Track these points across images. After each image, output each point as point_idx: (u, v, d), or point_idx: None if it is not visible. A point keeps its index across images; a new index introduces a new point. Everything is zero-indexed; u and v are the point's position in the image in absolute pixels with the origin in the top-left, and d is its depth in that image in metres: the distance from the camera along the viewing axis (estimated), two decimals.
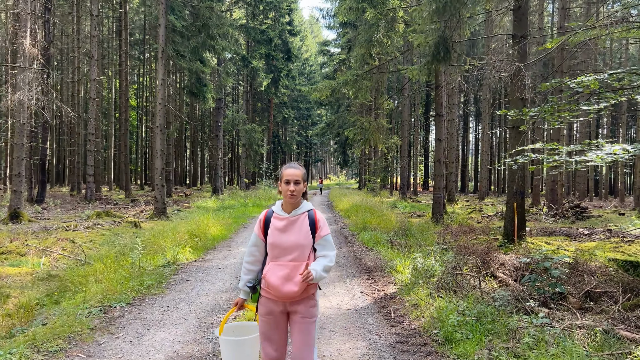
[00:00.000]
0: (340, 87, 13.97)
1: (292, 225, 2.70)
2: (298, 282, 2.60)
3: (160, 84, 15.02)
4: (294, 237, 2.67)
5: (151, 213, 15.31)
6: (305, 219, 2.73)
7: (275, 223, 2.73)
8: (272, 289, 2.65)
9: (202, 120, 51.12)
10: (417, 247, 9.61)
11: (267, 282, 2.66)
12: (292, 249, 2.66)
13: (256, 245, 2.87)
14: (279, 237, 2.68)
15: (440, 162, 14.32)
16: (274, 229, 2.72)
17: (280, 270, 2.64)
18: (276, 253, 2.68)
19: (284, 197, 2.74)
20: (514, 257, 8.54)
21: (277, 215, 2.77)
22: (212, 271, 7.39)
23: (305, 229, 2.70)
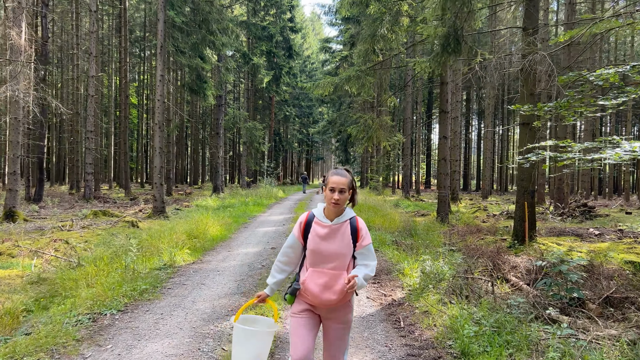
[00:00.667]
0: (343, 84, 13.61)
1: (334, 233, 2.65)
2: (337, 291, 2.60)
3: (159, 80, 14.67)
4: (336, 246, 2.64)
5: (150, 212, 14.98)
6: (347, 227, 2.68)
7: (317, 229, 2.68)
8: (310, 296, 2.64)
9: (203, 118, 50.78)
10: (423, 248, 9.27)
11: (306, 288, 2.65)
12: (333, 257, 2.64)
13: (292, 247, 2.81)
14: (320, 244, 2.64)
15: (445, 160, 13.96)
16: (316, 236, 2.67)
17: (320, 278, 2.63)
18: (316, 260, 2.66)
19: (327, 204, 2.68)
20: (526, 259, 8.19)
21: (319, 221, 2.71)
22: (210, 274, 7.05)
23: (347, 238, 2.65)
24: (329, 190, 2.63)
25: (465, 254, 8.98)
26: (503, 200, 30.91)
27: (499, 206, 24.08)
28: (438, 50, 8.71)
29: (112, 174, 35.04)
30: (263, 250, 9.19)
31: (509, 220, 16.41)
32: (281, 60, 34.21)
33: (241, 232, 11.92)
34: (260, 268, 7.50)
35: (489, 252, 8.96)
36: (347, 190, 2.65)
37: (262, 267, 7.60)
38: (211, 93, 20.76)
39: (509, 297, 5.83)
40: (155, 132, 14.81)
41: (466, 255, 8.86)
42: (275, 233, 11.73)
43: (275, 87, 34.48)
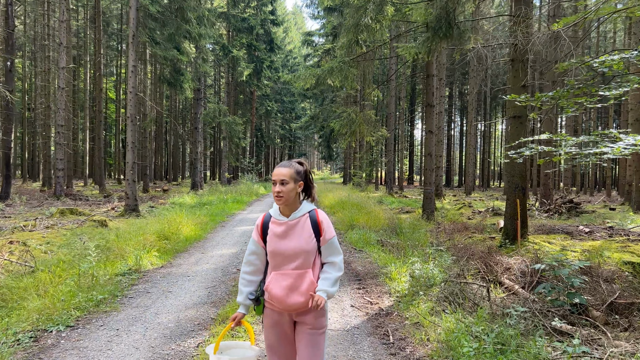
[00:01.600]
0: (325, 76, 13.00)
1: (292, 229, 2.45)
2: (304, 292, 2.40)
3: (131, 71, 13.88)
4: (296, 243, 2.43)
5: (122, 211, 14.21)
6: (306, 222, 2.48)
7: (274, 228, 2.47)
8: (276, 301, 2.44)
9: (184, 113, 49.67)
10: (410, 248, 8.75)
11: (270, 294, 2.45)
12: (295, 256, 2.43)
13: (255, 253, 2.57)
14: (279, 243, 2.44)
15: (431, 155, 13.49)
16: (273, 235, 2.46)
17: (284, 280, 2.43)
18: (278, 261, 2.45)
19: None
20: (519, 260, 7.71)
21: (275, 219, 2.50)
22: (179, 280, 6.41)
23: (308, 233, 2.46)
24: (272, 183, 2.46)
25: (455, 255, 8.49)
26: (486, 197, 30.72)
27: (483, 202, 23.78)
28: (428, 35, 8.16)
29: (88, 170, 33.88)
30: (240, 252, 8.56)
31: (495, 217, 16.04)
32: (262, 53, 33.42)
33: (217, 231, 11.27)
34: (234, 272, 6.88)
35: (479, 252, 8.48)
36: (291, 181, 2.43)
37: (237, 271, 6.98)
38: (188, 86, 19.98)
39: (506, 304, 5.33)
40: (128, 126, 14.03)
41: (455, 255, 8.37)
42: None
43: (257, 81, 33.69)
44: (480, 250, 8.59)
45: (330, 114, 36.15)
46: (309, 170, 2.59)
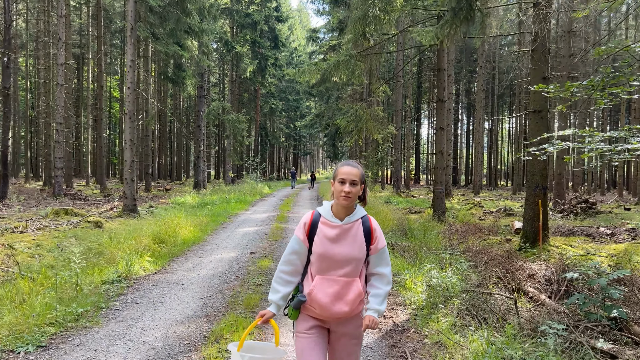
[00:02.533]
0: (332, 70, 12.41)
1: (345, 234, 2.31)
2: (350, 301, 2.29)
3: (129, 66, 13.34)
4: (348, 249, 2.29)
5: (120, 211, 13.69)
6: (359, 228, 2.35)
7: (326, 230, 2.32)
8: (319, 308, 2.29)
9: (188, 112, 49.19)
10: (423, 252, 8.16)
11: (314, 299, 2.30)
12: (346, 262, 2.29)
13: (297, 252, 2.37)
14: (330, 248, 2.29)
15: (442, 153, 12.88)
16: (324, 238, 2.30)
17: (330, 286, 2.29)
18: (325, 266, 2.30)
19: (336, 199, 2.32)
20: (543, 266, 7.11)
21: (326, 221, 2.34)
22: (172, 288, 5.85)
23: (360, 240, 2.32)
24: (339, 182, 2.29)
25: (471, 259, 7.90)
26: (495, 196, 30.08)
27: (493, 202, 23.14)
28: (447, 18, 7.56)
29: (91, 169, 33.45)
30: (240, 256, 7.99)
31: (507, 217, 15.42)
32: (266, 50, 32.84)
33: (218, 233, 10.71)
34: (233, 280, 6.31)
35: (498, 256, 7.88)
36: (360, 183, 2.31)
37: (236, 278, 6.41)
38: (190, 82, 19.43)
39: (536, 319, 4.73)
40: (126, 123, 13.49)
41: (472, 260, 7.77)
42: (256, 234, 10.53)
43: (261, 79, 33.10)
44: (499, 255, 7.98)
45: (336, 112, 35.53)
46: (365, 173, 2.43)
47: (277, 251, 8.50)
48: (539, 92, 8.53)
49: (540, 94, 8.49)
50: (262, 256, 7.95)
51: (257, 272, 6.72)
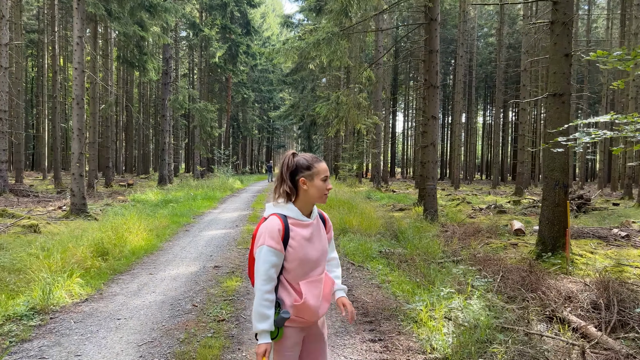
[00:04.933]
0: (311, 49, 10.87)
1: (316, 231, 2.17)
2: (328, 296, 2.24)
3: (77, 44, 11.50)
4: (320, 245, 2.17)
5: (68, 211, 11.90)
6: (319, 220, 2.25)
7: (301, 232, 2.10)
8: (310, 315, 2.12)
9: (156, 102, 46.77)
10: (424, 262, 6.77)
11: (306, 308, 2.09)
12: (321, 259, 2.18)
13: (276, 265, 2.05)
14: (309, 249, 2.11)
15: (434, 145, 11.52)
16: (302, 240, 2.08)
17: (316, 288, 2.14)
18: (306, 269, 2.11)
19: (317, 198, 2.12)
20: (579, 283, 5.79)
21: (298, 221, 2.11)
22: (102, 327, 4.27)
23: (323, 232, 2.24)
24: (322, 180, 2.12)
25: (476, 267, 6.55)
26: (475, 190, 29.19)
27: (477, 197, 22.11)
28: None
29: (47, 162, 31.07)
30: (201, 272, 6.42)
31: (500, 215, 14.26)
32: (238, 37, 30.93)
33: (178, 238, 9.08)
34: (188, 312, 4.75)
35: (515, 269, 6.54)
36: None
37: (192, 308, 4.85)
38: (153, 67, 17.58)
39: None
40: (73, 110, 11.66)
41: (482, 271, 6.43)
42: (223, 240, 8.95)
43: (232, 67, 31.22)
44: (515, 267, 6.64)
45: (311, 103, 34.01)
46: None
47: (247, 263, 6.95)
48: (560, 72, 7.22)
49: (562, 74, 7.17)
50: (229, 272, 6.40)
51: (221, 298, 5.18)
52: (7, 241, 7.82)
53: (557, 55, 7.20)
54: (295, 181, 2.10)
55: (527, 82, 23.29)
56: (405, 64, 51.73)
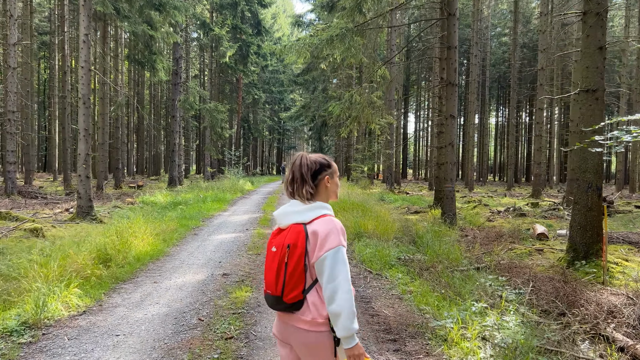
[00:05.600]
0: (324, 46, 10.45)
1: None
2: None
3: (83, 42, 11.19)
4: None
5: (74, 213, 11.59)
6: None
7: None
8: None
9: (167, 103, 46.63)
10: (446, 269, 6.32)
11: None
12: None
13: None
14: None
15: (452, 145, 11.03)
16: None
17: None
18: None
19: (333, 195, 2.17)
20: (622, 295, 5.28)
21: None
22: (98, 345, 3.87)
23: None
24: (337, 177, 2.21)
25: (508, 278, 6.08)
26: (490, 192, 28.54)
27: (492, 199, 21.53)
28: None
29: (57, 163, 30.98)
30: (209, 280, 6.02)
31: (520, 218, 13.72)
32: (248, 37, 30.61)
33: (186, 243, 8.69)
34: (193, 327, 4.34)
35: (547, 278, 6.06)
36: None
37: (197, 323, 4.44)
38: (163, 66, 17.27)
39: None
40: (80, 109, 11.35)
41: (510, 279, 5.96)
42: (233, 244, 8.55)
43: (243, 67, 30.91)
44: (547, 276, 6.16)
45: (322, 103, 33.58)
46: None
47: (259, 271, 6.54)
48: (593, 66, 6.72)
49: (595, 68, 6.67)
50: (238, 281, 5.98)
51: (229, 311, 4.76)
52: (7, 246, 7.48)
53: (589, 48, 6.70)
54: (318, 180, 2.09)
55: (544, 81, 22.67)
56: (416, 64, 51.12)
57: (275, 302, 1.96)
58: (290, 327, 1.98)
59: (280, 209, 2.09)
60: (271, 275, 1.97)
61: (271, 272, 1.98)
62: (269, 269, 2.00)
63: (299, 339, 1.96)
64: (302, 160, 2.08)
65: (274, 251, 1.99)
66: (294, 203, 2.06)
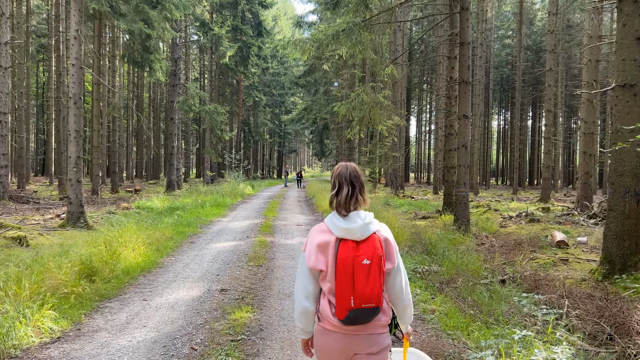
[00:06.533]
0: (329, 41, 9.81)
1: None
2: None
3: (74, 37, 10.57)
4: None
5: (65, 220, 10.95)
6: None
7: None
8: None
9: (167, 105, 46.01)
10: (467, 282, 5.68)
11: None
12: None
13: None
14: None
15: (465, 147, 10.38)
16: None
17: None
18: None
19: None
20: None
21: None
22: None
23: None
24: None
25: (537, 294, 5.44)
26: (496, 196, 27.90)
27: (500, 204, 20.89)
28: None
29: (54, 167, 30.35)
30: (205, 297, 5.36)
31: (533, 223, 13.08)
32: (249, 38, 30.00)
33: (182, 252, 8.04)
34: (185, 356, 3.68)
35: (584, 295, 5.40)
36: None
37: (190, 352, 3.78)
38: (160, 66, 16.65)
39: None
40: (70, 110, 10.72)
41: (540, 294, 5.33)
42: (232, 254, 7.89)
43: (243, 69, 30.29)
44: (583, 292, 5.50)
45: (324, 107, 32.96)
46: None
47: (261, 286, 5.88)
48: (631, 59, 6.09)
49: (632, 61, 6.03)
50: (238, 298, 5.32)
51: (227, 338, 4.10)
52: None
53: (626, 39, 6.07)
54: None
55: (552, 82, 22.07)
56: (419, 67, 50.54)
57: (372, 314, 1.95)
58: (361, 337, 2.00)
59: (353, 225, 1.98)
60: (370, 286, 1.91)
61: (370, 284, 1.92)
62: (366, 282, 1.91)
63: (373, 345, 2.01)
64: (351, 170, 2.12)
65: (366, 264, 1.92)
66: (360, 214, 2.03)
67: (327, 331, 2.01)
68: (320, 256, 2.00)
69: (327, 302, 2.02)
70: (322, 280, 2.03)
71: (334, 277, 1.95)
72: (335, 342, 2.00)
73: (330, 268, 1.97)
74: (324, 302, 2.03)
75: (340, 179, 2.09)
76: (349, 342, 1.99)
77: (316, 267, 2.00)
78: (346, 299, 1.91)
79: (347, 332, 1.99)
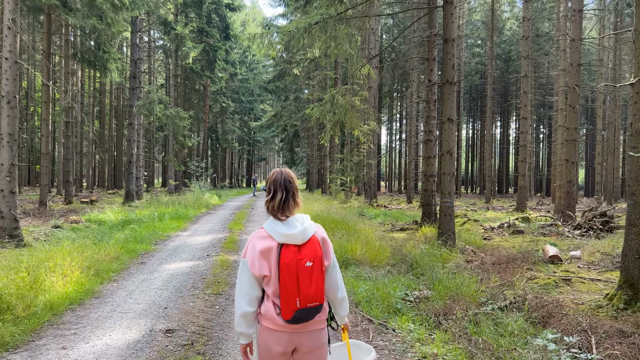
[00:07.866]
0: (301, 36, 8.78)
1: None
2: None
3: (8, 27, 9.23)
4: None
5: None
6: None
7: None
8: None
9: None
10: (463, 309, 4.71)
11: None
12: None
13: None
14: None
15: (450, 154, 9.49)
16: None
17: None
18: None
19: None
20: None
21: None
22: None
23: None
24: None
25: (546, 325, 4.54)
26: (469, 205, 27.43)
27: (476, 213, 20.28)
28: None
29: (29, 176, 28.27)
30: (145, 341, 4.18)
31: (517, 235, 12.34)
32: (216, 41, 28.75)
33: (128, 276, 6.79)
34: None
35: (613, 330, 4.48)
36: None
37: None
38: (116, 67, 15.29)
39: None
40: (3, 110, 9.33)
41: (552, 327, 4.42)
42: (188, 278, 6.69)
43: (210, 73, 28.96)
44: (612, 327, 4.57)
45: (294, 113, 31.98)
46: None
47: (218, 322, 4.73)
48: None
49: None
50: (187, 343, 4.16)
51: None
52: None
53: None
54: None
55: (527, 89, 21.65)
56: (389, 75, 50.14)
57: (316, 311, 2.03)
58: (304, 333, 2.07)
59: (294, 230, 2.03)
60: (313, 287, 1.99)
61: (313, 284, 1.99)
62: (310, 283, 1.98)
63: (315, 340, 2.09)
64: (286, 176, 2.16)
65: (309, 266, 1.99)
66: (297, 218, 2.09)
67: (272, 331, 2.03)
68: (263, 262, 2.02)
69: (271, 304, 2.04)
70: (266, 285, 2.05)
71: (278, 280, 1.98)
72: (280, 341, 2.03)
73: (274, 272, 2.00)
74: (268, 305, 2.05)
75: (275, 185, 2.13)
76: (293, 339, 2.05)
77: (261, 274, 2.02)
78: (292, 300, 1.96)
79: (292, 330, 2.03)
